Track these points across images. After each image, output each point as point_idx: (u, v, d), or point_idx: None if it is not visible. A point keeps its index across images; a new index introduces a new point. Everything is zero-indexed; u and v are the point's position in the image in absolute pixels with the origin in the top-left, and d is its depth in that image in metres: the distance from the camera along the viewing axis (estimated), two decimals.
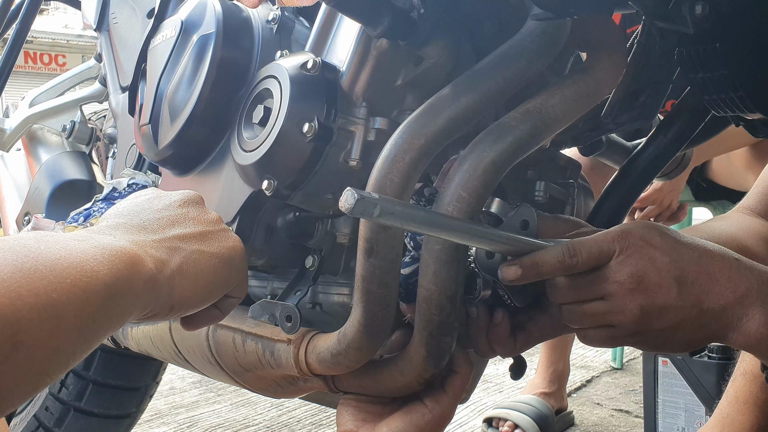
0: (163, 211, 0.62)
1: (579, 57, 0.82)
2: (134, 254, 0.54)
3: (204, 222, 0.63)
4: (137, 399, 1.51)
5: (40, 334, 0.45)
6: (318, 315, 0.81)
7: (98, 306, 0.49)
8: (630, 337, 0.68)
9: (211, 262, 0.61)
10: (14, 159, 1.51)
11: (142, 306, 0.55)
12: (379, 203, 0.53)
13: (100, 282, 0.49)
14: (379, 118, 0.73)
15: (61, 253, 0.49)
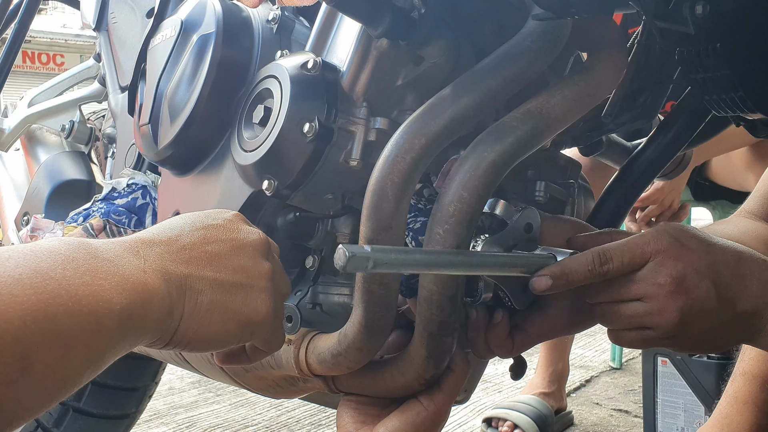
0: (208, 244, 0.59)
1: (579, 57, 0.82)
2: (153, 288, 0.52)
3: (246, 272, 0.60)
4: (136, 399, 1.51)
5: (49, 361, 0.44)
6: (318, 315, 0.81)
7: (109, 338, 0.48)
8: (666, 339, 0.67)
9: (224, 317, 0.58)
10: (13, 159, 1.50)
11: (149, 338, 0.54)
12: (372, 256, 0.53)
13: (116, 314, 0.48)
14: (379, 118, 0.73)
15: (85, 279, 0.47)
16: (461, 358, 0.71)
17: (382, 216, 0.64)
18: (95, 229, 0.96)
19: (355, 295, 0.68)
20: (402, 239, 0.66)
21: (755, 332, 0.68)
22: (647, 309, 0.65)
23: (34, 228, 1.00)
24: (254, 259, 0.61)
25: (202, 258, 0.58)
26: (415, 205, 0.76)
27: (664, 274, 0.64)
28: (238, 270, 0.59)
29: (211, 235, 0.60)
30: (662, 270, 0.65)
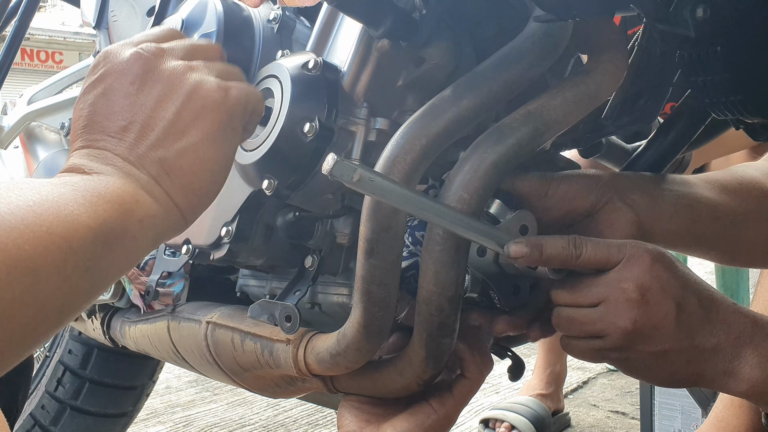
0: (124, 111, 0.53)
1: (579, 59, 0.82)
2: (120, 193, 0.48)
3: (170, 95, 0.54)
4: (134, 398, 1.51)
5: (10, 295, 0.40)
6: (317, 315, 0.81)
7: (86, 254, 0.44)
8: (615, 352, 0.66)
9: (200, 154, 0.54)
10: (12, 156, 1.50)
11: (152, 243, 0.51)
12: (359, 170, 0.53)
13: (84, 227, 0.44)
14: (380, 118, 0.73)
15: (35, 199, 0.44)
16: (476, 367, 0.71)
17: (381, 216, 0.64)
18: None
19: (354, 295, 0.68)
20: (401, 240, 0.66)
21: (714, 373, 0.66)
22: (600, 315, 0.64)
23: None
24: (161, 76, 0.55)
25: (130, 136, 0.53)
26: None
27: (629, 279, 0.63)
28: (163, 103, 0.54)
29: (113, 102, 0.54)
30: (628, 275, 0.63)
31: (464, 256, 0.66)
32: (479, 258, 0.71)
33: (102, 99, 0.55)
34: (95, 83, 0.56)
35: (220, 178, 0.57)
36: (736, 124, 0.81)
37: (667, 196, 0.74)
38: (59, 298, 0.44)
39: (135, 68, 0.55)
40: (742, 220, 0.77)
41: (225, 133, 0.56)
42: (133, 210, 0.49)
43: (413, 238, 0.74)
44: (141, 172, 0.52)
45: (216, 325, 0.85)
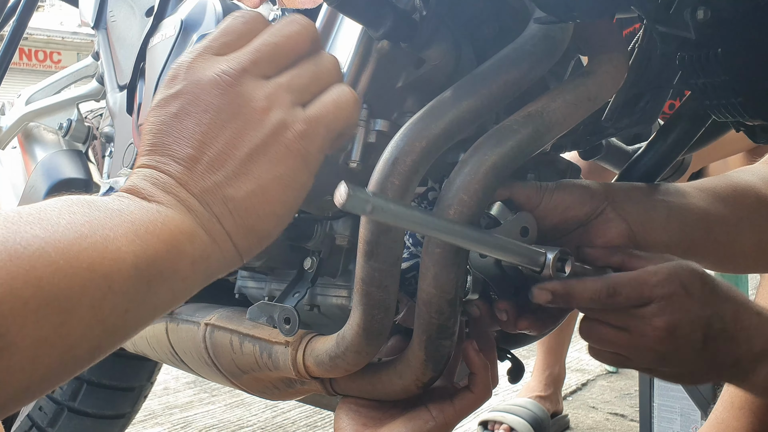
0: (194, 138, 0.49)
1: (580, 61, 0.82)
2: (175, 231, 0.45)
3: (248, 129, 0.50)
4: (132, 399, 1.51)
5: (39, 333, 0.38)
6: (316, 317, 0.81)
7: (127, 294, 0.42)
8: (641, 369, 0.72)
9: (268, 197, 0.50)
10: (10, 157, 1.50)
11: (202, 283, 0.48)
12: (372, 201, 0.51)
13: (129, 264, 0.42)
14: (379, 119, 0.73)
15: (83, 231, 0.41)
16: (484, 384, 0.70)
17: None
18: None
19: (354, 297, 0.68)
20: (401, 242, 0.66)
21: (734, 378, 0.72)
22: (632, 342, 0.68)
23: None
24: (245, 106, 0.51)
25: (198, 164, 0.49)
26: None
27: (662, 320, 0.66)
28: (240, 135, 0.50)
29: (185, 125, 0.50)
30: (661, 316, 0.66)
31: (464, 258, 0.65)
32: (481, 259, 0.71)
33: (174, 120, 0.51)
34: (170, 99, 0.52)
35: (285, 221, 0.54)
36: (737, 127, 0.81)
37: (660, 206, 0.75)
38: (91, 340, 0.41)
39: (211, 96, 0.51)
40: (734, 229, 0.78)
41: (299, 177, 0.53)
42: (186, 250, 0.46)
43: (414, 239, 0.74)
44: (204, 208, 0.49)
45: (214, 327, 0.85)
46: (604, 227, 0.73)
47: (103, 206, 0.44)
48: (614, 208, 0.74)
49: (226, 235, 0.49)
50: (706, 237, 0.77)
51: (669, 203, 0.76)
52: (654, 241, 0.74)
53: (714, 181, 0.82)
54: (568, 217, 0.73)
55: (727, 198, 0.79)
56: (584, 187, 0.75)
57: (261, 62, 0.54)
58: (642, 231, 0.73)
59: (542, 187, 0.73)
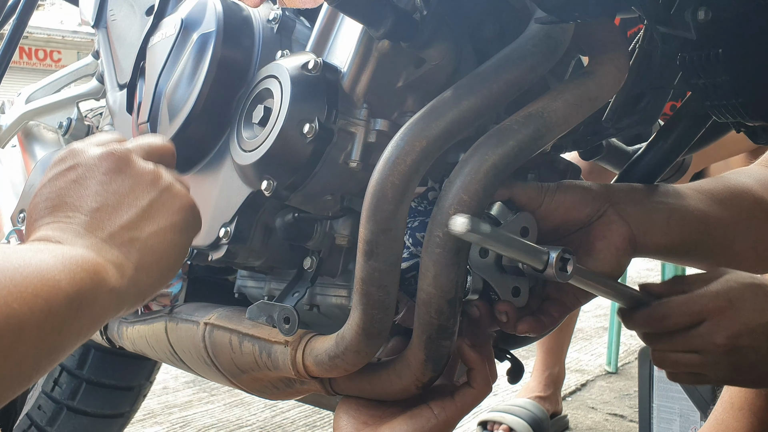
0: (97, 196, 0.57)
1: (580, 61, 0.82)
2: (94, 263, 0.51)
3: (143, 190, 0.59)
4: (131, 398, 1.51)
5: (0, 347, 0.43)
6: (315, 317, 0.81)
7: (62, 317, 0.47)
8: (720, 383, 0.77)
9: (167, 239, 0.59)
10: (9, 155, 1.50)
11: (112, 312, 0.53)
12: (490, 232, 0.58)
13: (63, 292, 0.47)
14: (379, 119, 0.73)
15: (20, 263, 0.46)
16: (484, 379, 0.70)
17: (381, 218, 0.64)
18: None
19: (353, 297, 0.68)
20: (401, 241, 0.66)
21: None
22: (703, 361, 0.73)
23: None
24: (134, 173, 0.60)
25: (103, 217, 0.56)
26: (416, 207, 0.76)
27: (721, 336, 0.71)
28: (135, 193, 0.59)
29: (85, 191, 0.58)
30: (719, 331, 0.71)
31: (464, 259, 0.65)
32: (481, 259, 0.71)
33: (74, 185, 0.58)
34: (65, 172, 0.59)
35: (179, 264, 0.61)
36: (737, 127, 0.81)
37: (661, 209, 0.75)
38: (35, 357, 0.46)
39: (108, 163, 0.59)
40: (732, 231, 0.79)
41: (188, 227, 0.62)
42: (105, 280, 0.51)
43: (414, 239, 0.74)
44: (111, 247, 0.55)
45: (214, 327, 0.85)
46: (606, 229, 0.73)
47: (26, 249, 0.50)
48: (616, 210, 0.74)
49: (133, 270, 0.55)
50: (705, 239, 0.78)
51: (669, 205, 0.76)
52: (654, 244, 0.75)
53: (711, 183, 0.83)
54: (569, 219, 0.73)
55: (724, 200, 0.80)
56: (586, 188, 0.75)
57: (140, 149, 0.64)
58: (642, 233, 0.74)
59: (544, 188, 0.73)
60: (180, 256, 0.61)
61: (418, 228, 0.74)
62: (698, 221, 0.77)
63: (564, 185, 0.74)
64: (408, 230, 0.74)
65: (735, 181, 0.83)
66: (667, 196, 0.77)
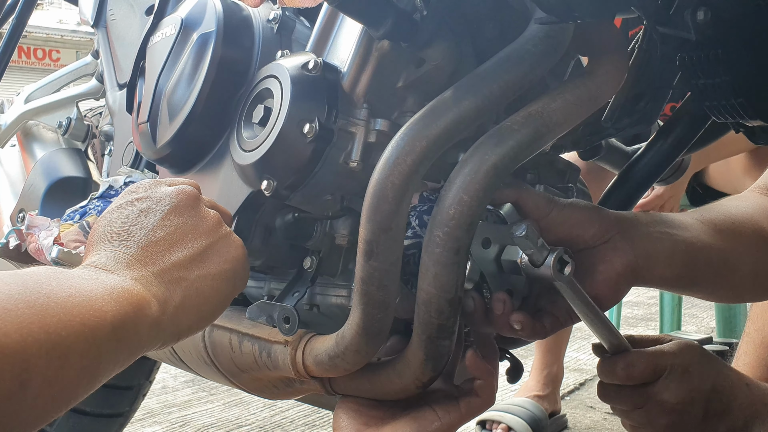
0: (158, 229, 0.60)
1: (580, 61, 0.82)
2: (140, 296, 0.53)
3: (203, 233, 0.61)
4: (130, 398, 1.51)
5: (47, 373, 0.44)
6: (315, 317, 0.81)
7: (104, 347, 0.48)
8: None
9: (214, 285, 0.60)
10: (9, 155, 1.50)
11: (148, 346, 0.54)
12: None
13: (108, 323, 0.48)
14: (379, 119, 0.73)
15: (71, 291, 0.48)
16: (491, 391, 0.71)
17: (381, 218, 0.64)
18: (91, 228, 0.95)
19: (353, 297, 0.68)
20: (401, 242, 0.66)
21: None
22: (645, 419, 0.79)
23: (29, 225, 0.99)
24: (197, 217, 0.62)
25: (158, 251, 0.58)
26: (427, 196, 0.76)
27: (671, 395, 0.77)
28: (194, 235, 0.61)
29: (147, 223, 0.60)
30: (670, 391, 0.77)
31: (464, 258, 0.65)
32: (483, 249, 0.71)
33: (138, 215, 0.60)
34: (134, 202, 0.62)
35: (218, 311, 0.62)
36: (736, 128, 0.81)
37: (665, 240, 0.75)
38: (75, 384, 0.47)
39: (176, 200, 0.62)
40: (733, 261, 0.80)
41: (236, 278, 0.63)
42: (147, 314, 0.53)
43: (420, 221, 0.74)
44: (159, 283, 0.56)
45: (214, 326, 0.85)
46: (611, 255, 0.72)
47: (77, 274, 0.52)
48: (623, 237, 0.73)
49: (174, 309, 0.56)
50: (707, 270, 0.78)
51: (674, 237, 0.75)
52: (657, 275, 0.74)
53: (713, 213, 0.83)
54: (573, 236, 0.72)
55: (726, 230, 0.80)
56: (595, 209, 0.74)
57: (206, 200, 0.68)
58: (646, 264, 0.73)
59: (552, 200, 0.73)
60: (222, 304, 0.62)
61: (427, 211, 0.74)
62: (702, 253, 0.77)
63: (574, 202, 0.74)
64: (416, 212, 0.74)
65: (736, 210, 0.84)
66: (672, 227, 0.76)
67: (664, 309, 2.55)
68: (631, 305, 3.67)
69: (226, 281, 0.61)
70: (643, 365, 0.77)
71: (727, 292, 0.85)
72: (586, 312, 0.71)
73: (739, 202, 0.88)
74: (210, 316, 0.61)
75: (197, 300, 0.58)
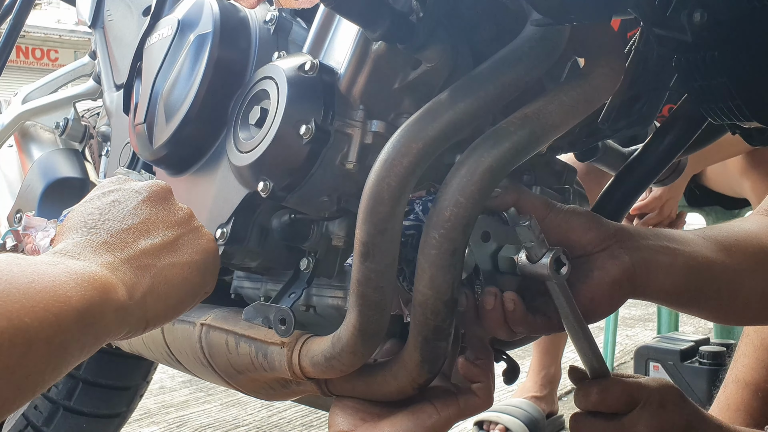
0: (128, 218, 0.60)
1: (576, 62, 0.82)
2: (105, 280, 0.52)
3: (173, 224, 0.61)
4: (127, 398, 1.51)
5: (9, 360, 0.44)
6: (312, 318, 0.81)
7: (69, 333, 0.48)
8: None
9: (183, 274, 0.60)
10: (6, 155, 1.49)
11: (115, 332, 0.54)
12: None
13: (73, 308, 0.48)
14: (376, 121, 0.73)
15: (34, 277, 0.47)
16: (489, 391, 0.71)
17: (378, 219, 0.64)
18: None
19: (350, 298, 0.68)
20: (397, 243, 0.66)
21: None
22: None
23: (26, 226, 0.99)
24: (168, 209, 0.63)
25: (128, 238, 0.58)
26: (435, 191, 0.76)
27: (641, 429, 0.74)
28: (165, 225, 0.61)
29: (118, 212, 0.60)
30: (642, 423, 0.74)
31: (460, 260, 0.65)
32: (482, 243, 0.70)
33: (109, 205, 0.61)
34: (106, 194, 0.62)
35: (188, 301, 0.62)
36: (733, 129, 0.81)
37: (665, 252, 0.74)
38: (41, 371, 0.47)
39: (148, 193, 0.62)
40: (738, 279, 0.77)
41: (206, 271, 0.63)
42: (113, 298, 0.52)
43: (424, 207, 0.74)
44: (127, 269, 0.56)
45: (210, 327, 0.85)
46: (608, 262, 0.71)
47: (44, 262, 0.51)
48: (621, 246, 0.72)
49: (142, 294, 0.56)
50: (710, 286, 0.76)
51: (674, 250, 0.74)
52: (656, 287, 0.73)
53: (716, 230, 0.81)
54: (570, 240, 0.71)
55: (730, 247, 0.78)
56: (594, 217, 0.74)
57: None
58: (645, 274, 0.72)
59: (551, 204, 0.72)
60: (191, 294, 0.62)
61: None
62: (703, 267, 0.75)
63: (573, 208, 0.74)
64: (421, 201, 0.74)
65: (740, 228, 0.82)
66: (672, 241, 0.75)
67: (662, 309, 2.55)
68: (628, 305, 3.67)
69: (195, 271, 0.61)
70: (618, 392, 0.74)
71: (734, 312, 0.82)
72: (572, 323, 0.70)
73: (743, 223, 0.87)
74: (179, 306, 0.60)
75: (165, 287, 0.58)
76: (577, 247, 0.72)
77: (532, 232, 0.66)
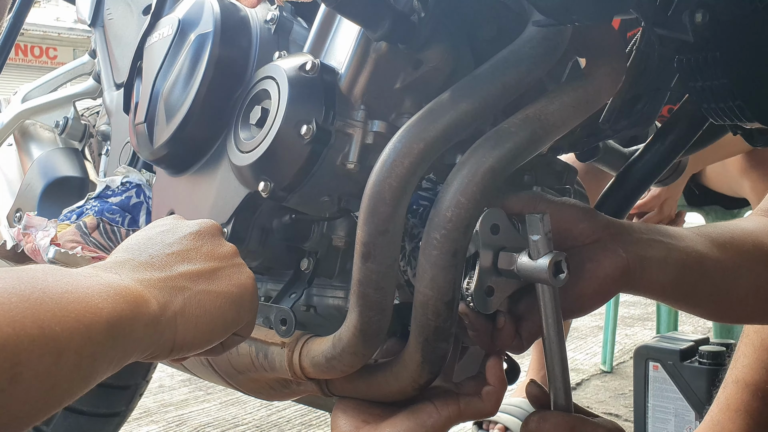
0: (174, 245, 0.61)
1: (577, 63, 0.82)
2: (138, 294, 0.53)
3: (216, 257, 0.62)
4: (127, 397, 1.51)
5: (39, 368, 0.44)
6: (312, 318, 0.81)
7: (99, 344, 0.48)
8: None
9: (216, 303, 0.59)
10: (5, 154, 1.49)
11: (143, 348, 0.54)
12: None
13: (104, 320, 0.48)
14: (377, 121, 0.73)
15: (67, 287, 0.48)
16: (497, 401, 0.70)
17: (379, 220, 0.64)
18: (88, 228, 0.95)
19: (351, 298, 0.68)
20: (398, 244, 0.66)
21: None
22: None
23: (26, 225, 0.99)
24: (214, 243, 0.63)
25: (169, 261, 0.59)
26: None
27: None
28: (207, 257, 0.61)
29: (166, 239, 0.62)
30: None
31: (461, 260, 0.65)
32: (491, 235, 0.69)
33: (160, 234, 0.62)
34: (159, 225, 0.65)
35: (218, 333, 0.61)
36: (734, 130, 0.81)
37: (659, 247, 0.73)
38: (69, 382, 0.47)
39: (198, 227, 0.64)
40: (732, 275, 0.77)
41: (242, 305, 0.62)
42: (143, 313, 0.53)
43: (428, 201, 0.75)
44: (161, 288, 0.56)
45: None
46: (601, 254, 0.70)
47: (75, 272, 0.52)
48: (614, 239, 0.71)
49: (173, 314, 0.56)
50: (703, 282, 0.75)
51: (668, 245, 0.73)
52: (649, 281, 0.72)
53: (711, 227, 0.80)
54: (561, 230, 0.70)
55: (725, 244, 0.77)
56: (587, 208, 0.73)
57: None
58: (639, 268, 0.71)
59: (538, 197, 0.72)
60: (222, 325, 0.61)
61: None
62: (697, 263, 0.74)
63: (564, 199, 0.73)
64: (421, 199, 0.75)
65: (735, 226, 0.81)
66: (666, 236, 0.74)
67: (661, 309, 2.55)
68: (627, 305, 3.67)
69: (230, 303, 0.61)
70: (556, 421, 0.69)
71: (728, 309, 0.80)
72: (552, 335, 0.68)
73: (739, 221, 0.86)
74: (208, 335, 0.59)
75: (197, 312, 0.58)
76: (568, 237, 0.71)
77: (542, 226, 0.65)
